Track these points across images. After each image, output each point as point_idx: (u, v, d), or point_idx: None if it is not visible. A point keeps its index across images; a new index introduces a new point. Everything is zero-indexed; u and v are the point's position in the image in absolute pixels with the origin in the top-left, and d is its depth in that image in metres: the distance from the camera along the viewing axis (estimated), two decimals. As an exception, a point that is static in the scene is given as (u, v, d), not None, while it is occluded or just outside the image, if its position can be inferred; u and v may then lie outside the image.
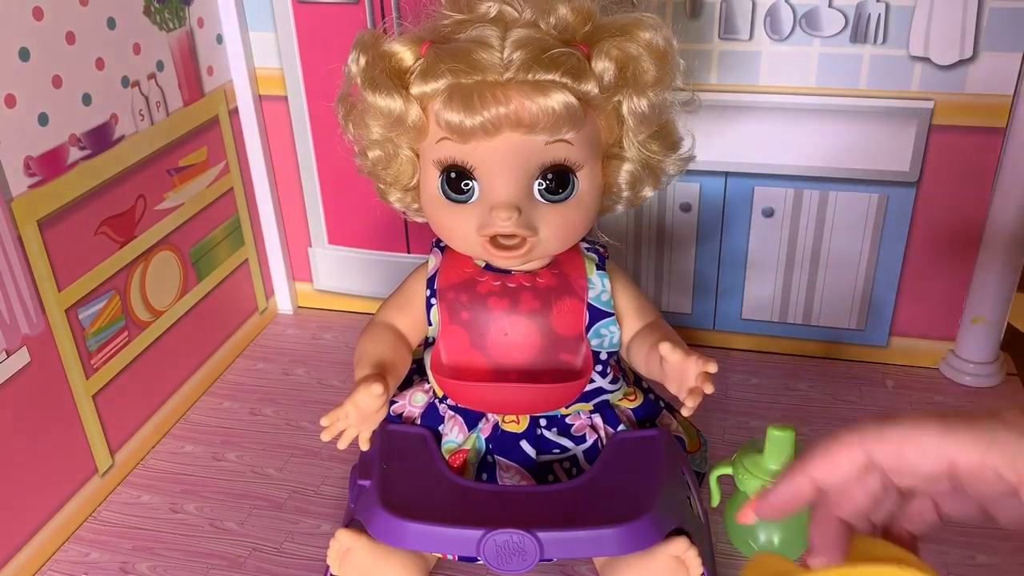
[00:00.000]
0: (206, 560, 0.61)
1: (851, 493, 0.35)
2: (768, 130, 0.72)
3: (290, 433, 0.74)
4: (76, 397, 0.63)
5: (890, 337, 0.79)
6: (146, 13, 0.68)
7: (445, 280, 0.56)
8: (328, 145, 0.82)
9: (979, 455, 0.32)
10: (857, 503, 0.35)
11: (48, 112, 0.58)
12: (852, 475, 0.35)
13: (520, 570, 0.51)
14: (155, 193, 0.70)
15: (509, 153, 0.50)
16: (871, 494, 0.35)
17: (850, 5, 0.67)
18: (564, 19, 0.51)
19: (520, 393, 0.55)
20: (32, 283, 0.58)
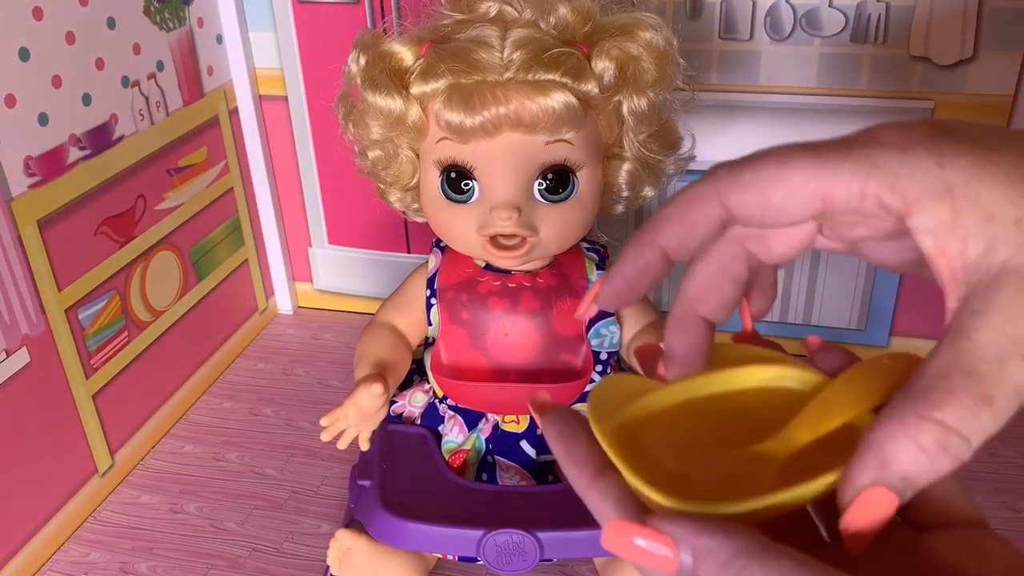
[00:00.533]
0: (206, 560, 0.61)
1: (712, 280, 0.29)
2: (768, 130, 0.72)
3: (290, 433, 0.74)
4: (76, 397, 0.63)
5: (890, 337, 0.79)
6: (146, 13, 0.68)
7: (445, 280, 0.56)
8: (328, 145, 0.82)
9: (858, 185, 0.25)
10: (721, 294, 0.29)
11: (48, 112, 0.58)
12: (708, 236, 0.28)
13: (520, 570, 0.51)
14: (155, 193, 0.70)
15: (509, 153, 0.50)
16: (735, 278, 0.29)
17: (850, 5, 0.67)
18: (564, 19, 0.51)
19: (520, 393, 0.55)
20: (32, 283, 0.58)
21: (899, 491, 0.24)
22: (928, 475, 0.23)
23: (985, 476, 0.66)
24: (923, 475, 0.23)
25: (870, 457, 0.24)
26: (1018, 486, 0.65)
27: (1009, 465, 0.67)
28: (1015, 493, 0.64)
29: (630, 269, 0.29)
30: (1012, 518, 0.62)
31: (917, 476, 0.23)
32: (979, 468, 0.67)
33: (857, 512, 0.24)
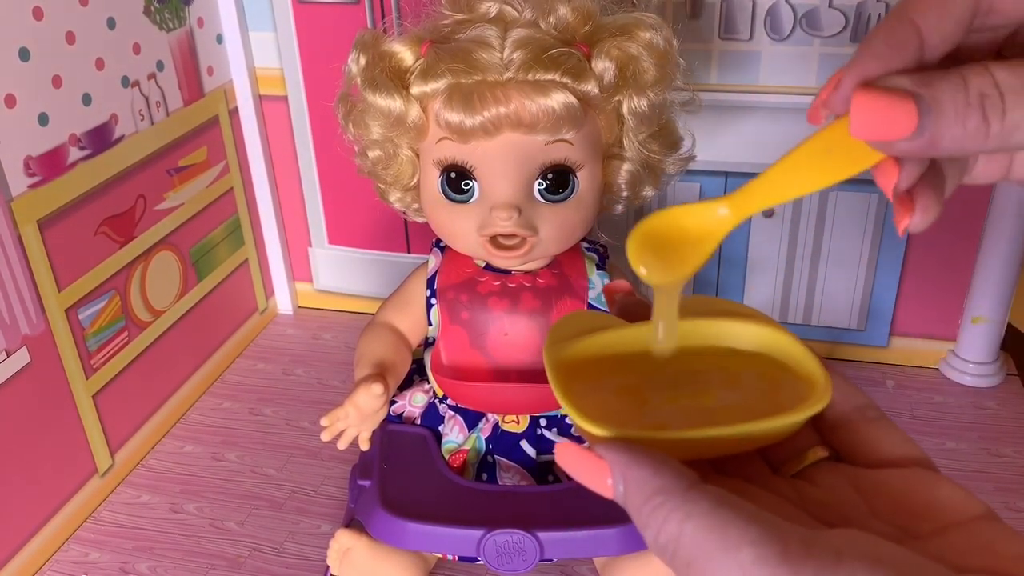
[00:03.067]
0: (206, 560, 0.61)
1: None
2: (768, 130, 0.72)
3: (290, 433, 0.74)
4: (76, 397, 0.63)
5: (890, 337, 0.79)
6: (146, 13, 0.68)
7: (445, 280, 0.56)
8: (328, 145, 0.82)
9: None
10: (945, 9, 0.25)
11: (48, 112, 0.58)
12: (963, 22, 0.25)
13: (520, 570, 0.51)
14: (155, 193, 0.70)
15: (509, 153, 0.50)
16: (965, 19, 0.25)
17: (850, 5, 0.67)
18: (564, 19, 0.51)
19: (520, 393, 0.55)
20: (32, 283, 0.58)
21: (920, 112, 0.23)
22: (953, 123, 0.23)
23: (985, 476, 0.66)
24: (950, 118, 0.23)
25: (918, 75, 0.23)
26: (1018, 486, 0.65)
27: (1009, 465, 0.67)
28: (1015, 493, 0.64)
29: (882, 47, 0.25)
30: (1012, 518, 0.62)
31: (945, 112, 0.23)
32: (979, 468, 0.67)
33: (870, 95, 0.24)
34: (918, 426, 0.72)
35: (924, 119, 0.23)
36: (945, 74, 0.23)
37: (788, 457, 0.30)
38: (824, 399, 0.28)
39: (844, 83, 0.25)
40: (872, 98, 0.24)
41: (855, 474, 0.28)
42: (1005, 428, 0.71)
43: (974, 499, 0.26)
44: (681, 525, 0.23)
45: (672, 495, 0.24)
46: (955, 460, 0.68)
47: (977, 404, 0.74)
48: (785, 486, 0.28)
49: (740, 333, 0.32)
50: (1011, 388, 0.76)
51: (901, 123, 0.23)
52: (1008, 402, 0.74)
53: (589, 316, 0.34)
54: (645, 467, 0.25)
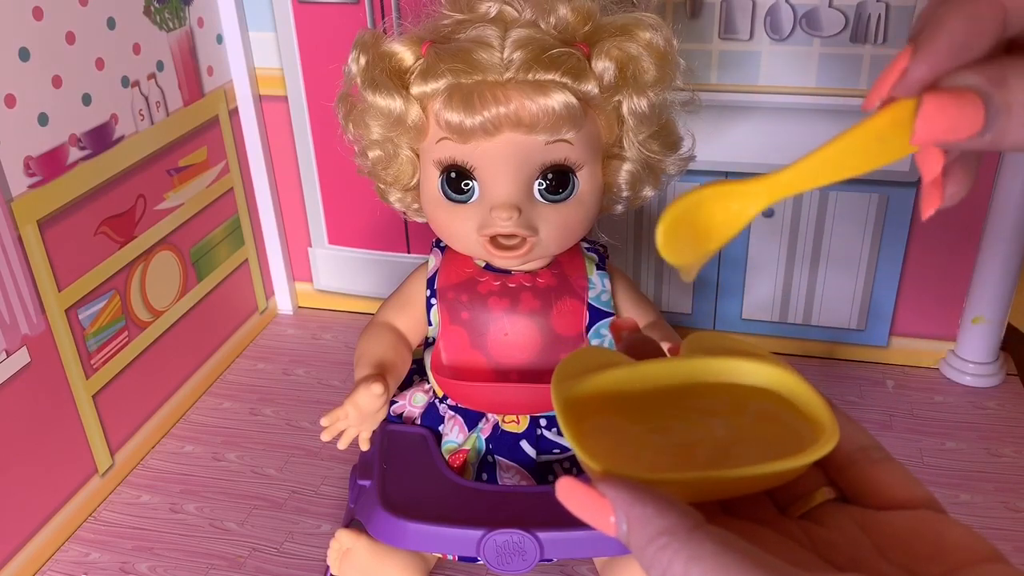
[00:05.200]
0: (206, 560, 0.61)
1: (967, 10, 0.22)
2: (768, 130, 0.72)
3: (290, 433, 0.74)
4: (76, 397, 0.63)
5: (890, 337, 0.79)
6: (146, 13, 0.68)
7: (445, 280, 0.56)
8: (328, 145, 0.82)
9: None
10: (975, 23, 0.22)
11: (48, 112, 0.58)
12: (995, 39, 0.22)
13: (520, 570, 0.51)
14: (155, 193, 0.70)
15: (509, 153, 0.50)
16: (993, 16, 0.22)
17: (850, 5, 0.67)
18: (564, 19, 0.51)
19: (520, 393, 0.55)
20: (32, 283, 0.58)
21: (990, 113, 0.21)
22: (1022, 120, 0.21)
23: (985, 476, 0.66)
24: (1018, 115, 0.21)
25: (989, 68, 0.22)
26: (1018, 486, 0.65)
27: (1009, 465, 0.67)
28: (1015, 493, 0.64)
29: (961, 36, 0.21)
30: (1012, 518, 0.62)
31: (1015, 113, 0.21)
32: (979, 468, 0.67)
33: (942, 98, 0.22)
34: (918, 426, 0.72)
35: (992, 121, 0.22)
36: (1019, 68, 0.21)
37: (795, 498, 0.30)
38: (832, 441, 0.28)
39: (912, 74, 0.23)
40: (942, 104, 0.22)
41: (862, 515, 0.28)
42: (1005, 428, 0.71)
43: (982, 541, 0.26)
44: (686, 567, 0.23)
45: (677, 536, 0.24)
46: (955, 460, 0.68)
47: (977, 404, 0.74)
48: (793, 527, 0.28)
49: (748, 372, 0.32)
50: (1011, 388, 0.76)
51: (967, 125, 0.22)
52: (1008, 402, 0.74)
53: (597, 353, 0.34)
54: (649, 506, 0.25)
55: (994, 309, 0.74)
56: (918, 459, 0.68)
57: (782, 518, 0.29)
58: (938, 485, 0.65)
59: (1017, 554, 0.60)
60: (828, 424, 0.29)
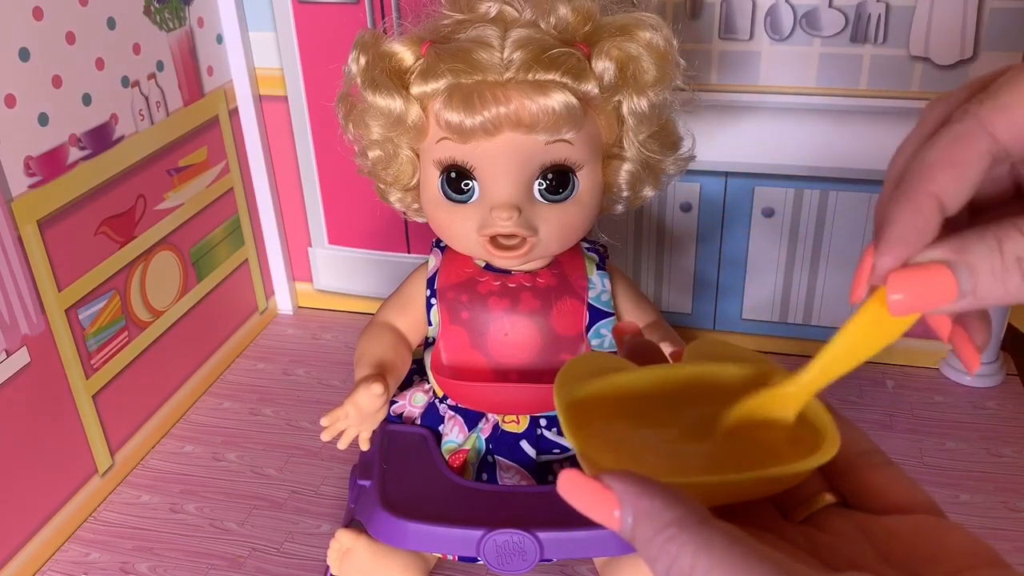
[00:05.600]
0: (206, 560, 0.61)
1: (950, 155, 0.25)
2: (768, 130, 0.72)
3: (290, 433, 0.74)
4: (76, 397, 0.63)
5: (890, 337, 0.79)
6: (146, 13, 0.68)
7: (445, 280, 0.56)
8: (328, 145, 0.82)
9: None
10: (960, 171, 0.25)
11: (48, 112, 0.58)
12: (980, 178, 0.25)
13: (520, 570, 0.51)
14: (155, 193, 0.70)
15: (509, 153, 0.50)
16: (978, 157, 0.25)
17: (850, 5, 0.67)
18: (564, 19, 0.51)
19: (520, 393, 0.55)
20: (32, 283, 0.58)
21: (960, 282, 0.23)
22: (993, 284, 0.23)
23: (985, 476, 0.66)
24: (988, 280, 0.23)
25: (951, 241, 0.24)
26: (1018, 486, 0.65)
27: (1009, 465, 0.67)
28: (1015, 493, 0.64)
29: (909, 229, 0.24)
30: (1012, 518, 0.62)
31: (983, 277, 0.23)
32: (979, 468, 0.67)
33: (908, 275, 0.24)
34: (918, 426, 0.72)
35: (964, 285, 0.23)
36: (980, 237, 0.23)
37: (796, 503, 0.30)
38: (834, 446, 0.28)
39: (879, 268, 0.25)
40: (906, 279, 0.24)
41: (864, 520, 0.28)
42: (1005, 428, 0.71)
43: (983, 545, 0.26)
44: (695, 558, 0.23)
45: (685, 527, 0.24)
46: (955, 460, 0.68)
47: (977, 404, 0.74)
48: (794, 532, 0.28)
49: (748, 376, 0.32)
50: (1011, 388, 0.76)
51: (942, 294, 0.24)
52: (1008, 402, 0.74)
53: (599, 358, 0.34)
54: (657, 499, 0.24)
55: (994, 309, 0.74)
56: (918, 459, 0.68)
57: (783, 523, 0.29)
58: (938, 485, 0.65)
59: (1017, 554, 0.60)
60: (829, 429, 0.29)
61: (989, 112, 0.24)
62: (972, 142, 0.25)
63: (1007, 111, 0.24)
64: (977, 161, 0.25)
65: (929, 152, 0.25)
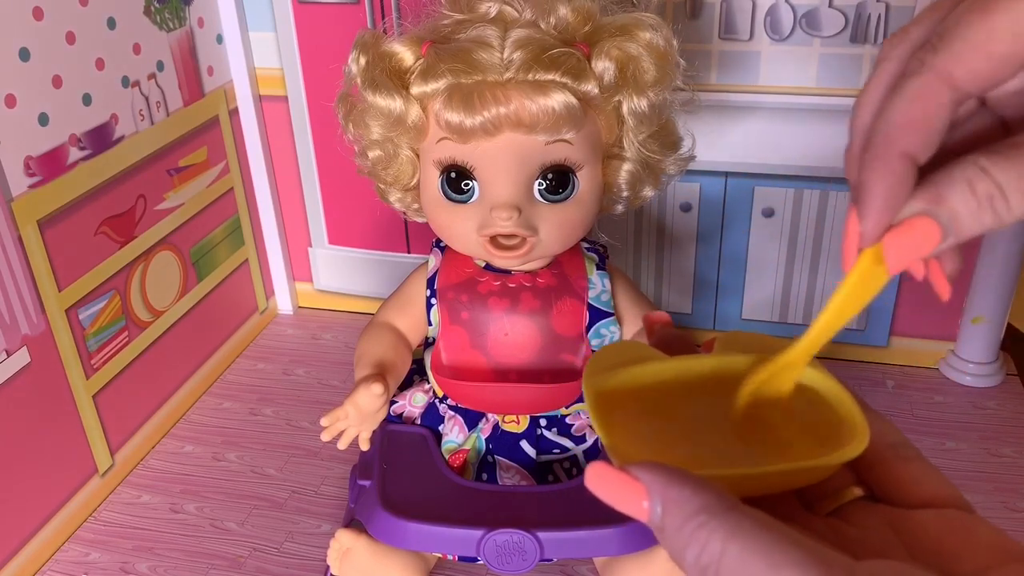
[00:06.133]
0: (206, 560, 0.61)
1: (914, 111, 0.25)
2: (768, 130, 0.72)
3: (290, 433, 0.74)
4: (76, 397, 0.63)
5: (890, 337, 0.79)
6: (146, 13, 0.68)
7: (445, 280, 0.56)
8: (328, 145, 0.82)
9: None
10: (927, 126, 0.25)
11: (48, 112, 0.58)
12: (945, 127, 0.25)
13: (520, 570, 0.51)
14: (155, 193, 0.70)
15: (509, 153, 0.50)
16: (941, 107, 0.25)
17: (850, 5, 0.67)
18: (564, 19, 0.51)
19: (520, 393, 0.55)
20: (32, 283, 0.58)
21: (943, 226, 0.25)
22: (971, 223, 0.24)
23: (985, 476, 0.66)
24: (967, 220, 0.24)
25: (926, 190, 0.25)
26: (1018, 486, 0.65)
27: (1009, 465, 0.67)
28: (1015, 493, 0.64)
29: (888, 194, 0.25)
30: (1012, 518, 0.62)
31: (962, 218, 0.24)
32: (979, 468, 0.67)
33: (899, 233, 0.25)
34: (918, 426, 0.72)
35: (947, 229, 0.25)
36: (951, 181, 0.24)
37: (823, 495, 0.29)
38: (864, 440, 0.28)
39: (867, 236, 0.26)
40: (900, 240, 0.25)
41: (891, 513, 0.28)
42: (1005, 428, 0.71)
43: (1012, 541, 0.26)
44: (724, 544, 0.23)
45: (715, 514, 0.24)
46: (955, 460, 0.68)
47: (977, 404, 0.74)
48: (820, 524, 0.28)
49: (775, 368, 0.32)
50: (1011, 388, 0.76)
51: (929, 241, 0.25)
52: (1008, 402, 0.74)
53: (629, 347, 0.34)
54: (686, 487, 0.25)
55: (994, 309, 0.74)
56: (918, 459, 0.68)
57: (809, 515, 0.29)
58: (938, 485, 0.65)
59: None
60: (860, 423, 0.29)
61: (944, 62, 0.25)
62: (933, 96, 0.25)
63: (961, 59, 0.24)
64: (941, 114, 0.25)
65: (893, 112, 0.25)
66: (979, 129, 0.27)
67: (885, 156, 0.25)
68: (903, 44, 0.27)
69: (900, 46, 0.27)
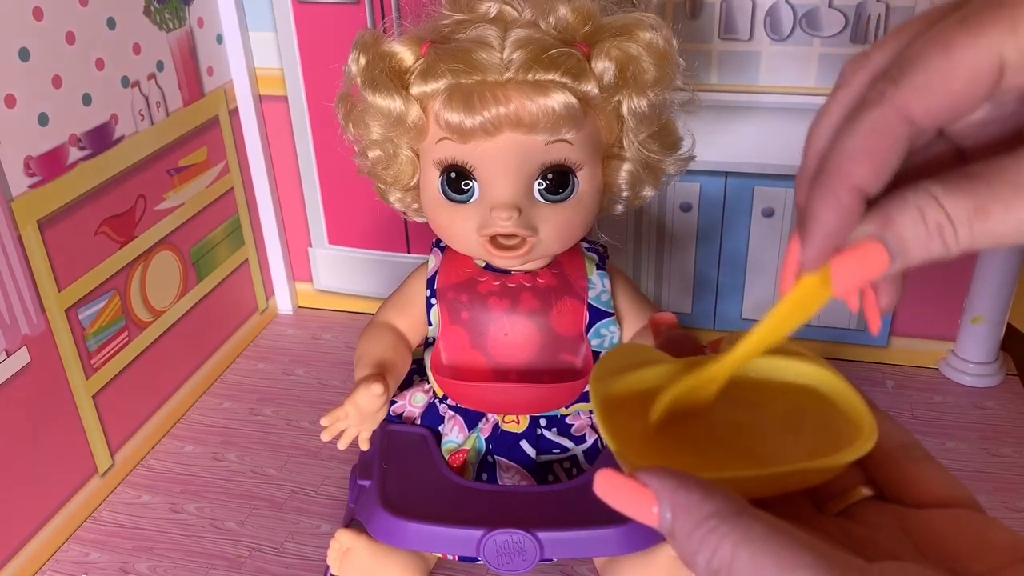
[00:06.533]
0: (206, 560, 0.61)
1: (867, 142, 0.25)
2: (768, 130, 0.72)
3: (290, 433, 0.74)
4: (76, 397, 0.63)
5: (890, 337, 0.79)
6: (146, 13, 0.68)
7: (445, 280, 0.56)
8: (328, 145, 0.82)
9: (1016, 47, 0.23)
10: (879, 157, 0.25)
11: (48, 112, 0.58)
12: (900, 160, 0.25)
13: (520, 570, 0.51)
14: (155, 193, 0.70)
15: (509, 153, 0.50)
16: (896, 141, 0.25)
17: (850, 5, 0.67)
18: (564, 19, 0.51)
19: (520, 393, 0.55)
20: (32, 283, 0.58)
21: (891, 251, 0.25)
22: (919, 249, 0.24)
23: (985, 476, 0.66)
24: (916, 247, 0.24)
25: (876, 215, 0.25)
26: (1018, 486, 0.65)
27: (1009, 465, 0.67)
28: (1015, 493, 0.64)
29: (833, 225, 0.25)
30: (1012, 518, 0.62)
31: (910, 244, 0.24)
32: (979, 468, 0.67)
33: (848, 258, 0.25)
34: (918, 426, 0.72)
35: (895, 255, 0.25)
36: (902, 207, 0.24)
37: (832, 495, 0.29)
38: (871, 440, 0.28)
39: (807, 264, 0.26)
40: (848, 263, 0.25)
41: (901, 513, 0.28)
42: (1005, 428, 0.71)
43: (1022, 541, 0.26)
44: (735, 548, 0.23)
45: (725, 519, 0.24)
46: (955, 460, 0.68)
47: (977, 404, 0.74)
48: (830, 524, 0.28)
49: (788, 370, 0.32)
50: (1011, 388, 0.76)
51: (877, 265, 0.25)
52: (1008, 402, 0.74)
53: (636, 350, 0.34)
54: (694, 492, 0.25)
55: (994, 309, 0.74)
56: (918, 459, 0.68)
57: (819, 515, 0.29)
58: (938, 485, 0.65)
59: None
60: (867, 421, 0.29)
61: (904, 95, 0.24)
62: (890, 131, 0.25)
63: (920, 95, 0.24)
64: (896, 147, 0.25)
65: (848, 142, 0.25)
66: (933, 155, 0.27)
67: (835, 187, 0.25)
68: (864, 70, 0.26)
69: (860, 72, 0.27)
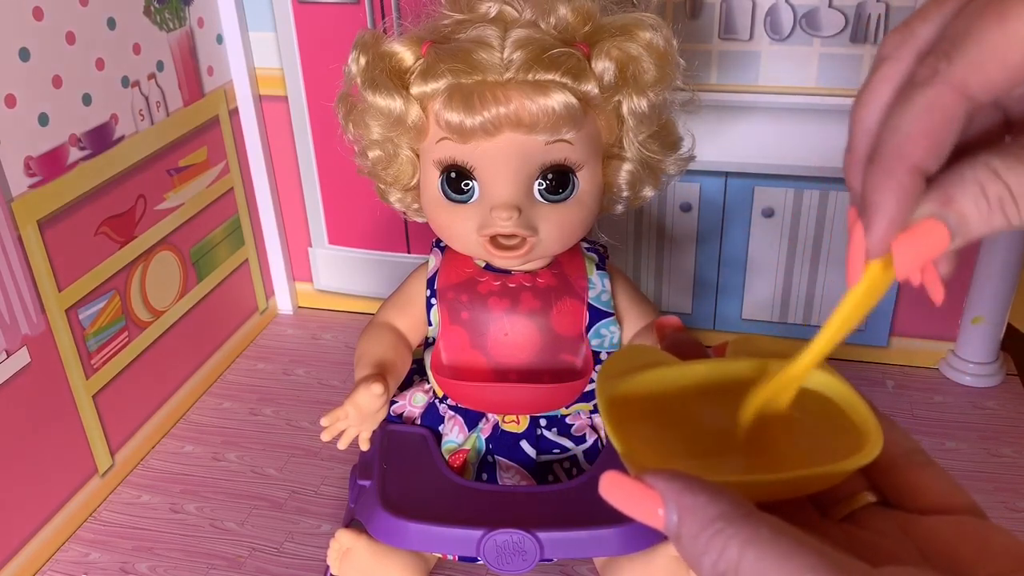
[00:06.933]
0: (206, 560, 0.61)
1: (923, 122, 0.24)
2: (768, 130, 0.72)
3: (290, 433, 0.74)
4: (76, 397, 0.63)
5: (890, 337, 0.79)
6: (146, 13, 0.68)
7: (445, 280, 0.56)
8: (328, 145, 0.82)
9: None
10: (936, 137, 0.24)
11: (48, 112, 0.58)
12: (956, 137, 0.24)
13: (520, 570, 0.51)
14: (155, 193, 0.70)
15: (509, 153, 0.50)
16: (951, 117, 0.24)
17: (850, 5, 0.67)
18: (564, 19, 0.51)
19: (520, 393, 0.55)
20: (32, 283, 0.58)
21: (952, 229, 0.24)
22: (981, 225, 0.24)
23: (985, 476, 0.66)
24: (977, 222, 0.24)
25: (936, 193, 0.25)
26: (1018, 486, 0.65)
27: (1009, 465, 0.67)
28: (1015, 493, 0.64)
29: (895, 208, 0.25)
30: (1012, 518, 0.62)
31: (971, 221, 0.24)
32: (979, 468, 0.67)
33: (909, 238, 0.25)
34: (918, 426, 0.72)
35: (956, 232, 0.24)
36: (962, 184, 0.24)
37: (836, 501, 0.29)
38: (877, 446, 0.28)
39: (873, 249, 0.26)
40: (910, 245, 0.25)
41: (905, 519, 0.28)
42: (1005, 428, 0.71)
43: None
44: (742, 551, 0.23)
45: (732, 521, 0.24)
46: (955, 460, 0.68)
47: (977, 404, 0.74)
48: (834, 530, 0.28)
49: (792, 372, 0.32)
50: (1011, 388, 0.76)
51: (939, 244, 0.25)
52: (1008, 402, 0.74)
53: (641, 352, 0.34)
54: (701, 494, 0.24)
55: (994, 309, 0.74)
56: (918, 459, 0.68)
57: (823, 521, 0.29)
58: (938, 485, 0.65)
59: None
60: (873, 428, 0.29)
61: (959, 71, 0.24)
62: (947, 109, 0.24)
63: (977, 69, 0.23)
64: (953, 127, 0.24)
65: (904, 122, 0.25)
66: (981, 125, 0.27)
67: (895, 170, 0.24)
68: (908, 43, 0.26)
69: (905, 45, 0.26)
